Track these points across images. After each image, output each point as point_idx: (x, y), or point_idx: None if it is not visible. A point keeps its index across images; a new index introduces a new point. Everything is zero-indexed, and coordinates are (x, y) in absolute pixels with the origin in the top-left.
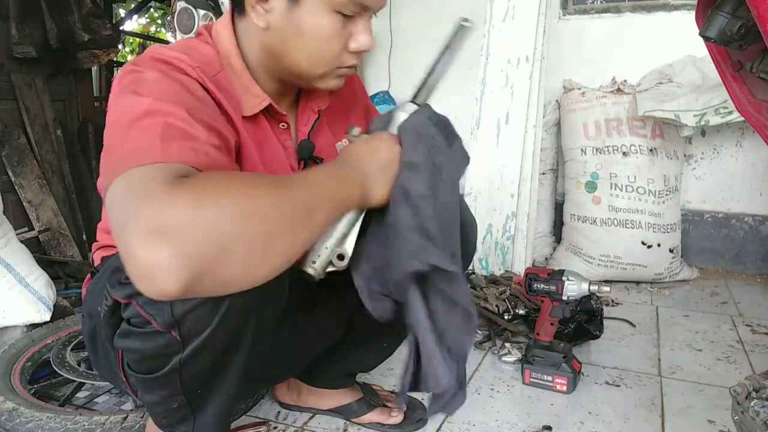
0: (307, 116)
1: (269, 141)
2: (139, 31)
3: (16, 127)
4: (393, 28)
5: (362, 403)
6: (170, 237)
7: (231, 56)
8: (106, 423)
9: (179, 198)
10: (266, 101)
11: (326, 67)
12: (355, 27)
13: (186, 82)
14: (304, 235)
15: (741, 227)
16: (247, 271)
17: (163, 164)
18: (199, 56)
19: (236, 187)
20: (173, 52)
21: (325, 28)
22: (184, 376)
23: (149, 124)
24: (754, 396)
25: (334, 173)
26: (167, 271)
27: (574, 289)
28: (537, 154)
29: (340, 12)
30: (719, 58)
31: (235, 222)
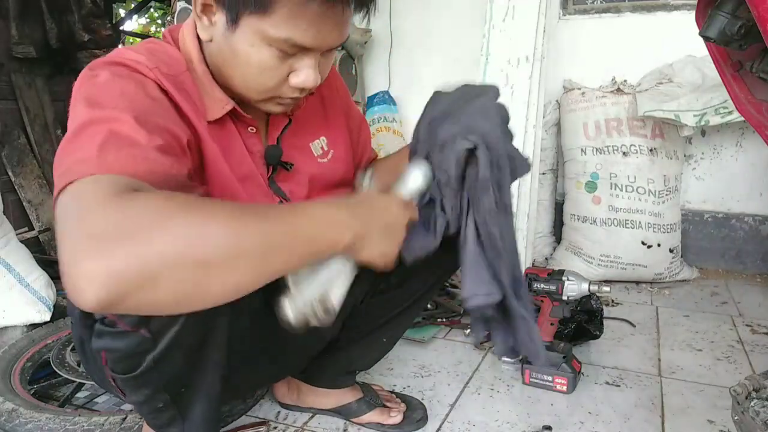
0: (278, 121)
1: (235, 145)
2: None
3: (16, 127)
4: (393, 28)
5: (362, 402)
6: (96, 252)
7: (193, 60)
8: (105, 424)
9: (108, 216)
10: (229, 105)
11: (261, 96)
12: (299, 62)
13: (141, 82)
14: (268, 270)
15: (741, 227)
16: (177, 300)
17: (100, 176)
18: (163, 56)
19: (177, 212)
20: (132, 54)
21: (257, 59)
22: (162, 374)
23: (91, 133)
24: (754, 396)
25: (329, 215)
26: (88, 286)
27: (574, 289)
28: (537, 154)
29: (278, 49)
30: (719, 58)
31: (165, 248)
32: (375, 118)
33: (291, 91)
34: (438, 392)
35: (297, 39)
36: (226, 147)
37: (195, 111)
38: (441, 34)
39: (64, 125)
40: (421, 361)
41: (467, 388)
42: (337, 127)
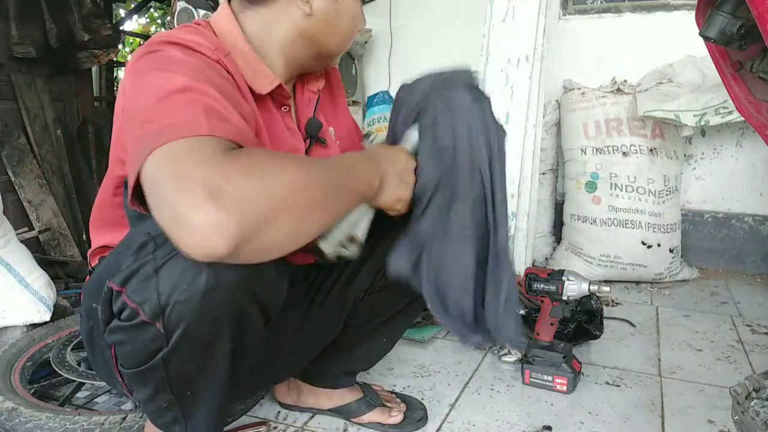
0: (307, 98)
1: (276, 122)
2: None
3: (16, 127)
4: (393, 29)
5: (362, 402)
6: (226, 200)
7: (237, 41)
8: (105, 423)
9: (235, 166)
10: (276, 81)
11: (347, 45)
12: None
13: (210, 64)
14: (336, 210)
15: (741, 227)
16: (285, 239)
17: (211, 137)
18: (209, 39)
19: (285, 162)
20: (189, 36)
21: (356, 10)
22: (170, 372)
23: (188, 99)
24: (754, 396)
25: (362, 163)
26: (220, 232)
27: (574, 289)
28: (537, 154)
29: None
30: (719, 58)
31: (284, 192)
32: (375, 118)
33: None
34: (438, 392)
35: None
36: (269, 123)
37: (245, 89)
38: (441, 34)
39: (64, 125)
40: (421, 361)
41: (467, 388)
42: (345, 122)
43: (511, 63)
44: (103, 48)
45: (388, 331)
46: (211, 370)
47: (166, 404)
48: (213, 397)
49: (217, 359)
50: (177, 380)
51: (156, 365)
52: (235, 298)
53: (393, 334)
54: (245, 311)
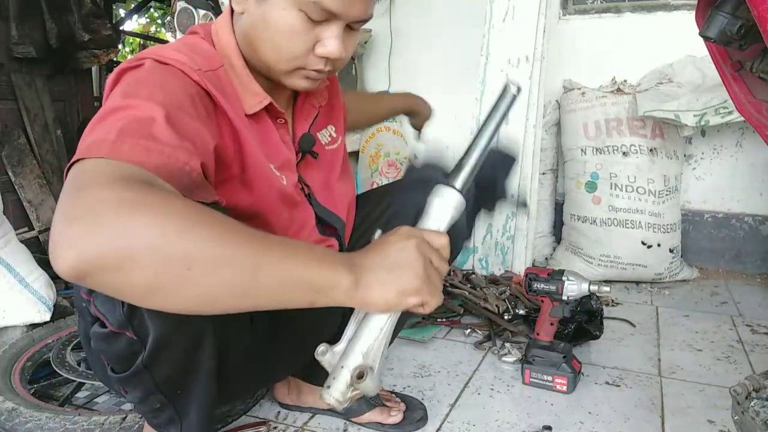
0: (306, 111)
1: (271, 136)
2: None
3: (16, 127)
4: (393, 29)
5: (362, 402)
6: (83, 223)
7: (231, 55)
8: (105, 423)
9: (103, 196)
10: (267, 100)
11: (289, 64)
12: (325, 32)
13: (182, 80)
14: (237, 291)
15: (741, 227)
16: (150, 289)
17: (109, 161)
18: (200, 53)
19: (168, 206)
20: (174, 54)
21: (288, 24)
22: (156, 375)
23: (115, 118)
24: (754, 396)
25: (318, 254)
26: (67, 250)
27: (574, 289)
28: (537, 154)
29: (305, 13)
30: (719, 58)
31: (149, 232)
32: None
33: (316, 62)
34: (438, 392)
35: (326, 2)
36: (263, 138)
37: (233, 106)
38: (441, 34)
39: (64, 125)
40: (421, 361)
41: (467, 388)
42: (340, 114)
43: (511, 63)
44: (103, 48)
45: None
46: (197, 370)
47: (158, 405)
48: (204, 396)
49: (201, 358)
50: (164, 382)
51: (138, 370)
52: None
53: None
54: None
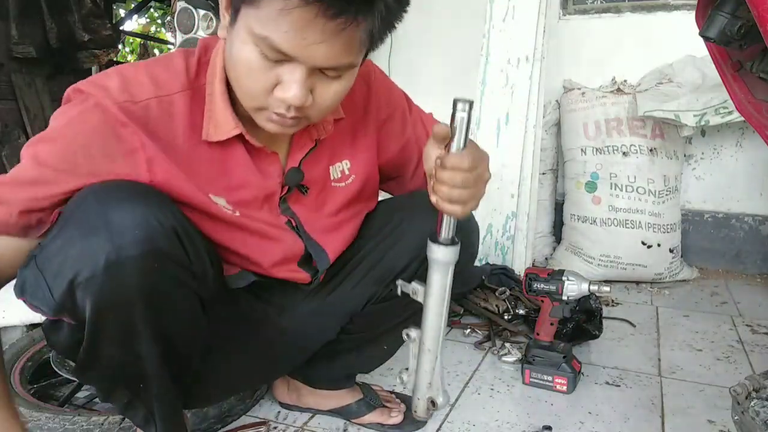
0: (301, 144)
1: (241, 167)
2: (139, 31)
3: (16, 127)
4: None
5: (362, 403)
6: None
7: (215, 79)
8: (104, 423)
9: None
10: (237, 130)
11: (251, 103)
12: (286, 74)
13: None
14: None
15: (741, 227)
16: None
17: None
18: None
19: None
20: (108, 81)
21: (244, 58)
22: (102, 363)
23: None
24: (754, 396)
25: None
26: None
27: (574, 289)
28: (537, 154)
29: (261, 50)
30: (719, 58)
31: None
32: None
33: (277, 105)
34: None
35: (276, 41)
36: (227, 167)
37: (171, 135)
38: (441, 34)
39: None
40: None
41: (467, 388)
42: (366, 150)
43: (511, 63)
44: (103, 48)
45: (390, 340)
46: (141, 357)
47: (126, 399)
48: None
49: (141, 343)
50: (114, 371)
51: (82, 358)
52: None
53: (396, 342)
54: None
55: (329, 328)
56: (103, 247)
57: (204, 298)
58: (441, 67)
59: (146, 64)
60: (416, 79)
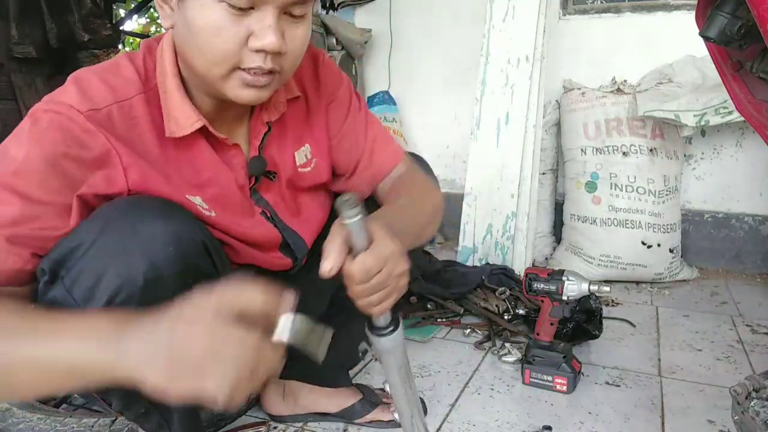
0: (257, 130)
1: (207, 162)
2: (139, 31)
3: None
4: (393, 29)
5: (364, 402)
6: None
7: (167, 75)
8: (95, 425)
9: None
10: (199, 123)
11: (222, 67)
12: (257, 23)
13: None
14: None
15: (741, 227)
16: None
17: None
18: (116, 82)
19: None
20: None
21: (209, 20)
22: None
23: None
24: (754, 396)
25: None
26: None
27: (574, 289)
28: (537, 154)
29: (228, 3)
30: (719, 58)
31: None
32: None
33: (252, 59)
34: (438, 392)
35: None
36: (196, 165)
37: (140, 139)
38: (441, 34)
39: None
40: (421, 361)
41: (467, 388)
42: (320, 132)
43: (511, 63)
44: (103, 48)
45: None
46: None
47: (143, 409)
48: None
49: None
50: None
51: None
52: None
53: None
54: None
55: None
56: (139, 266)
57: None
58: (441, 67)
59: (96, 71)
60: (416, 79)
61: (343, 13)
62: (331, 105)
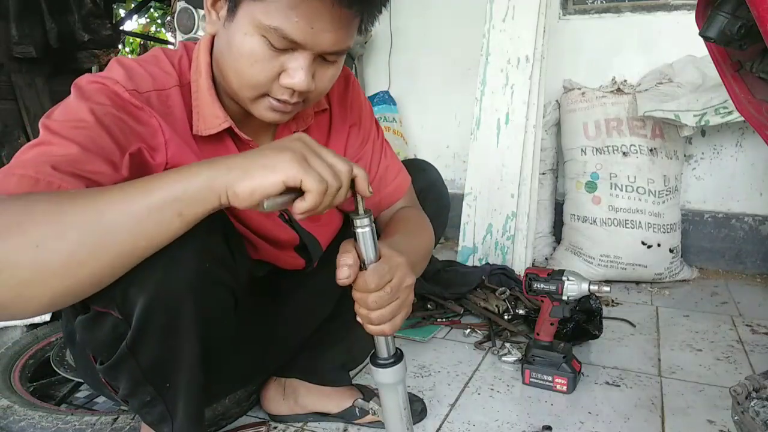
0: (284, 134)
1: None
2: (139, 31)
3: (16, 127)
4: (393, 29)
5: (365, 401)
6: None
7: (200, 75)
8: (97, 423)
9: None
10: (226, 123)
11: (252, 92)
12: (292, 62)
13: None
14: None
15: (741, 227)
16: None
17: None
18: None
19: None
20: (113, 73)
21: (249, 49)
22: (140, 360)
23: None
24: (754, 396)
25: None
26: None
27: (574, 289)
28: (537, 154)
29: (268, 39)
30: (719, 58)
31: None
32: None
33: (281, 92)
34: (438, 392)
35: (286, 30)
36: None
37: (175, 125)
38: (441, 34)
39: None
40: (421, 361)
41: (467, 388)
42: (338, 149)
43: (511, 63)
44: (103, 48)
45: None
46: (181, 355)
47: (148, 397)
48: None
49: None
50: (150, 369)
51: (124, 354)
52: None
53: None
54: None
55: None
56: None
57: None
58: (441, 67)
59: (138, 60)
60: (416, 79)
61: None
62: (353, 128)
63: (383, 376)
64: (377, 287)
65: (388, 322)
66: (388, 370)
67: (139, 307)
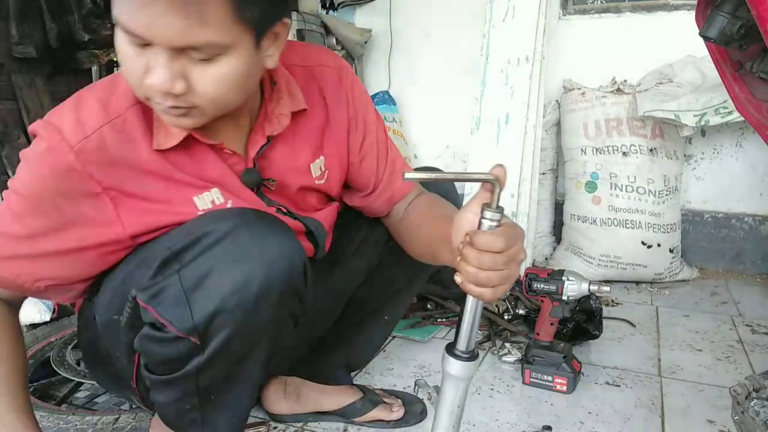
0: (256, 140)
1: (213, 163)
2: None
3: (16, 127)
4: (393, 29)
5: (365, 401)
6: None
7: None
8: (98, 423)
9: None
10: (184, 132)
11: (139, 94)
12: (151, 60)
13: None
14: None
15: (741, 227)
16: None
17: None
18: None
19: None
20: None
21: (120, 48)
22: (201, 380)
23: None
24: (754, 396)
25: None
26: None
27: (574, 289)
28: (537, 154)
29: (127, 35)
30: (719, 58)
31: None
32: None
33: (153, 93)
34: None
35: (124, 21)
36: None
37: (136, 152)
38: (441, 34)
39: None
40: (421, 361)
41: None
42: (338, 146)
43: (511, 63)
44: (103, 48)
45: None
46: (242, 379)
47: (189, 407)
48: (241, 404)
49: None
50: (206, 387)
51: (188, 374)
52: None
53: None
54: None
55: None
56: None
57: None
58: (441, 67)
59: (96, 88)
60: (416, 79)
61: (343, 13)
62: (354, 122)
63: (455, 368)
64: (502, 249)
65: (491, 288)
66: (462, 364)
67: (221, 338)
